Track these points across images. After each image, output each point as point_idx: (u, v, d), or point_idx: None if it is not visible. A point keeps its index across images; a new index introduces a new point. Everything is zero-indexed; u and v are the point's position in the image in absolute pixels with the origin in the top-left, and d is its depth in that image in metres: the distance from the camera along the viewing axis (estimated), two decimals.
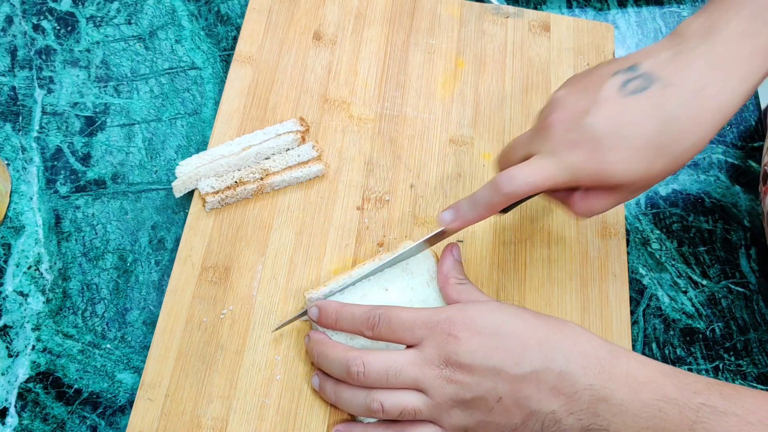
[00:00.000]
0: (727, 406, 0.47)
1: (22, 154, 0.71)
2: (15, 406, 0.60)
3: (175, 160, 0.72)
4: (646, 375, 0.50)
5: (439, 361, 0.52)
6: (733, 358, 0.68)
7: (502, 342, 0.51)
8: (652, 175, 0.53)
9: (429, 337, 0.53)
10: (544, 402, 0.50)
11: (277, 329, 0.62)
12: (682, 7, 0.86)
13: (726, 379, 0.67)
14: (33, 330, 0.63)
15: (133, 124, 0.73)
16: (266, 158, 0.69)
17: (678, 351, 0.68)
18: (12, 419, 0.60)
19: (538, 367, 0.50)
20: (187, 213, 0.67)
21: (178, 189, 0.67)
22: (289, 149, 0.70)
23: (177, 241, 0.67)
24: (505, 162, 0.60)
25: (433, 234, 0.61)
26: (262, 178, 0.68)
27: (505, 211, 0.61)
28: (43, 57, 0.76)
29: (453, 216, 0.58)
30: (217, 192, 0.67)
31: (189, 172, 0.67)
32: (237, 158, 0.68)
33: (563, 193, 0.58)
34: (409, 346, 0.55)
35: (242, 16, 0.78)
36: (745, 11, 0.52)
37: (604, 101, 0.53)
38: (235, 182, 0.67)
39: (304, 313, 0.61)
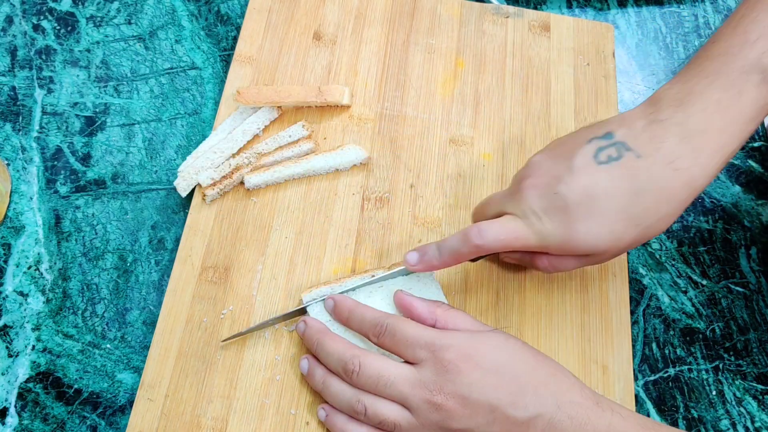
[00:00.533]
0: None
1: (22, 154, 0.71)
2: (15, 406, 0.61)
3: (175, 160, 0.72)
4: (625, 428, 0.51)
5: (433, 386, 0.52)
6: (733, 358, 0.68)
7: (502, 381, 0.52)
8: (621, 245, 0.54)
9: (429, 360, 0.53)
10: None
11: (225, 340, 0.62)
12: (682, 7, 0.86)
13: (726, 379, 0.67)
14: (33, 330, 0.63)
15: (133, 124, 0.73)
16: (258, 143, 0.70)
17: (678, 351, 0.68)
18: (12, 419, 0.60)
19: (533, 413, 0.51)
20: (187, 213, 0.67)
21: (182, 188, 0.67)
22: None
23: (177, 241, 0.67)
24: (478, 215, 0.62)
25: (392, 273, 0.62)
26: (257, 158, 0.69)
27: (474, 260, 0.63)
28: (43, 57, 0.76)
29: (417, 259, 0.59)
30: (216, 183, 0.67)
31: (189, 169, 0.67)
32: (227, 141, 0.69)
33: (528, 253, 0.59)
34: (408, 361, 0.55)
35: (242, 16, 0.78)
36: (718, 82, 0.52)
37: (576, 170, 0.53)
38: (232, 169, 0.68)
39: (301, 310, 0.62)
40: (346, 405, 0.56)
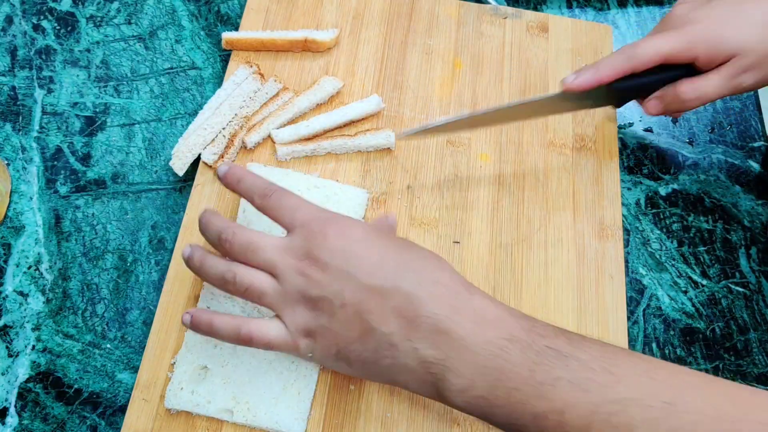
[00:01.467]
0: (572, 351, 0.47)
1: (22, 154, 0.71)
2: (15, 406, 0.61)
3: None
4: (495, 314, 0.50)
5: (300, 253, 0.52)
6: (733, 358, 0.67)
7: (365, 251, 0.52)
8: (764, 47, 0.61)
9: (303, 228, 0.53)
10: (384, 321, 0.50)
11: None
12: None
13: (726, 379, 0.66)
14: (33, 330, 0.64)
15: (133, 124, 0.74)
16: (241, 108, 0.72)
17: (678, 351, 0.67)
18: (12, 419, 0.60)
19: (388, 284, 0.50)
20: (184, 214, 0.67)
21: (179, 167, 0.68)
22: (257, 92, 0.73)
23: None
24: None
25: (547, 96, 0.67)
26: (246, 123, 0.71)
27: (619, 103, 0.69)
28: (43, 57, 0.76)
29: (575, 76, 0.64)
30: (222, 156, 0.69)
31: (182, 149, 0.69)
32: (216, 116, 0.70)
33: (672, 86, 0.65)
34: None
35: (242, 16, 0.78)
36: None
37: None
38: (229, 138, 0.70)
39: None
40: (218, 277, 0.54)
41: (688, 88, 0.63)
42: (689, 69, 0.64)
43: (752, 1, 0.62)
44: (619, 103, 0.69)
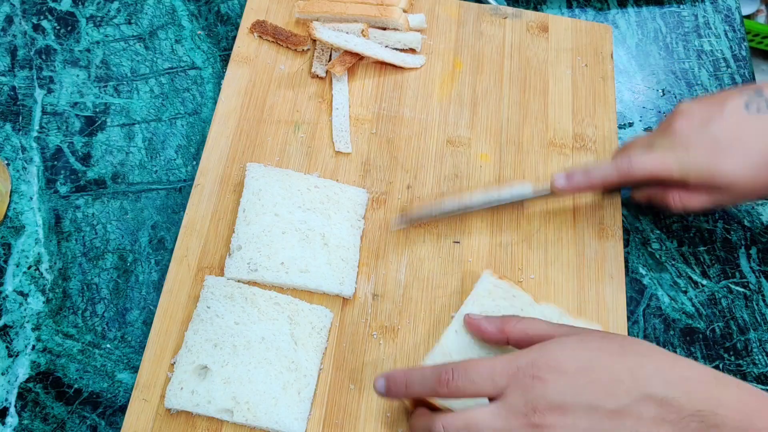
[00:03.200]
0: None
1: (22, 154, 0.71)
2: (15, 406, 0.61)
3: (175, 159, 0.72)
4: (758, 402, 0.48)
5: (526, 409, 0.48)
6: (733, 358, 0.67)
7: (592, 377, 0.48)
8: (757, 186, 0.61)
9: (511, 386, 0.49)
10: None
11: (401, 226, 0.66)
12: (682, 7, 0.86)
13: None
14: (33, 330, 0.64)
15: (133, 124, 0.74)
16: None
17: (678, 351, 0.67)
18: (12, 419, 0.60)
19: (636, 396, 0.47)
20: (184, 214, 0.67)
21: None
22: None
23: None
24: (623, 153, 0.67)
25: (541, 191, 0.67)
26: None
27: (608, 193, 0.71)
28: (43, 57, 0.76)
29: (565, 182, 0.65)
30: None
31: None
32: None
33: (661, 190, 0.65)
34: (490, 400, 0.51)
35: (242, 16, 0.78)
36: None
37: (728, 114, 0.61)
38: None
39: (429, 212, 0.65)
40: None
41: (676, 200, 0.64)
42: None
43: (753, 131, 0.60)
44: (606, 194, 0.72)
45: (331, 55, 0.75)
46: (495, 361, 0.51)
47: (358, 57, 0.75)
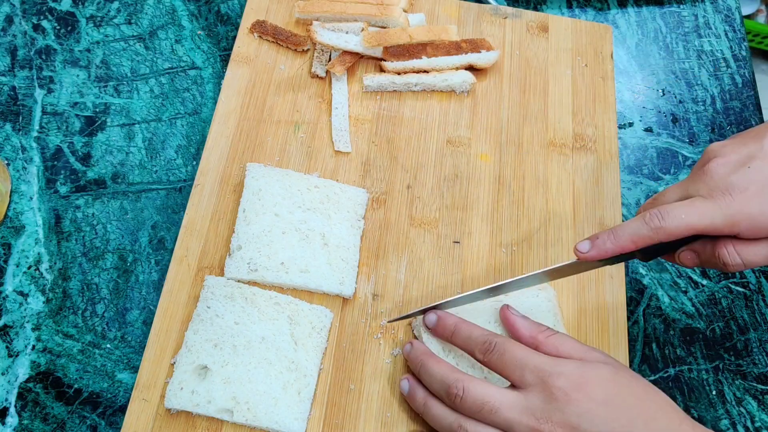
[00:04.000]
0: None
1: (22, 154, 0.71)
2: (15, 406, 0.61)
3: (175, 159, 0.72)
4: None
5: (540, 414, 0.51)
6: (733, 358, 0.67)
7: (612, 413, 0.50)
8: None
9: (537, 386, 0.52)
10: None
11: (390, 321, 0.64)
12: (682, 7, 0.86)
13: (726, 379, 0.66)
14: (33, 330, 0.64)
15: (133, 124, 0.74)
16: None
17: (678, 351, 0.67)
18: (12, 419, 0.60)
19: None
20: (185, 214, 0.67)
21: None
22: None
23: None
24: (653, 206, 0.57)
25: (561, 265, 0.59)
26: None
27: (646, 257, 0.58)
28: (43, 57, 0.76)
29: (590, 248, 0.56)
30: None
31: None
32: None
33: (710, 245, 0.55)
34: (512, 386, 0.54)
35: (242, 16, 0.78)
36: None
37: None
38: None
39: (422, 311, 0.62)
40: (447, 429, 0.54)
41: (731, 252, 0.54)
42: None
43: None
44: (646, 258, 0.59)
45: (330, 55, 0.75)
46: (534, 356, 0.53)
47: (358, 56, 0.75)
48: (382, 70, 0.75)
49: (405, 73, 0.74)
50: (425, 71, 0.75)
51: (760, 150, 0.53)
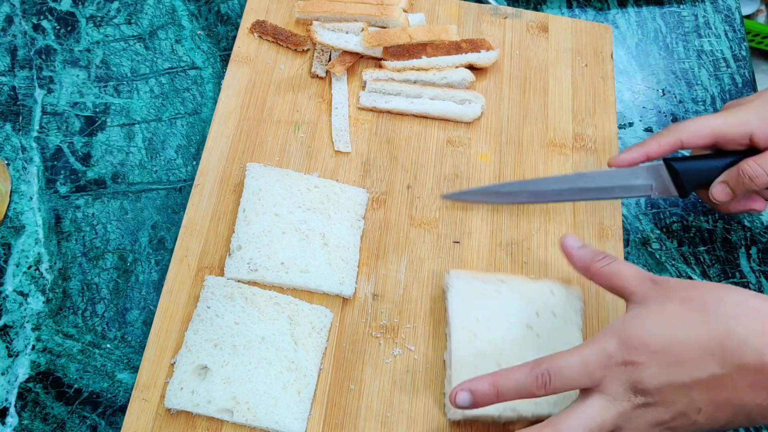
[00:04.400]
0: None
1: (22, 154, 0.71)
2: (15, 406, 0.61)
3: (175, 159, 0.72)
4: None
5: (627, 395, 0.49)
6: None
7: (681, 354, 0.48)
8: None
9: (608, 376, 0.50)
10: (747, 399, 0.48)
11: (446, 197, 0.68)
12: (682, 7, 0.86)
13: None
14: (33, 330, 0.64)
15: (133, 124, 0.74)
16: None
17: None
18: (12, 419, 0.60)
19: (730, 368, 0.47)
20: (184, 214, 0.67)
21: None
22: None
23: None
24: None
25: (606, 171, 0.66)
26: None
27: (683, 194, 0.65)
28: (43, 57, 0.76)
29: (620, 161, 0.65)
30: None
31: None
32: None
33: (735, 171, 0.62)
34: (583, 391, 0.52)
35: (242, 16, 0.78)
36: None
37: None
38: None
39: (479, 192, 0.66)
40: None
41: (753, 165, 0.59)
42: (748, 153, 0.62)
43: None
44: (682, 191, 0.65)
45: (330, 55, 0.75)
46: (584, 353, 0.51)
47: (358, 56, 0.75)
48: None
49: (404, 70, 0.74)
50: (425, 70, 0.75)
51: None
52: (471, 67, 0.76)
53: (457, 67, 0.75)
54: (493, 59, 0.75)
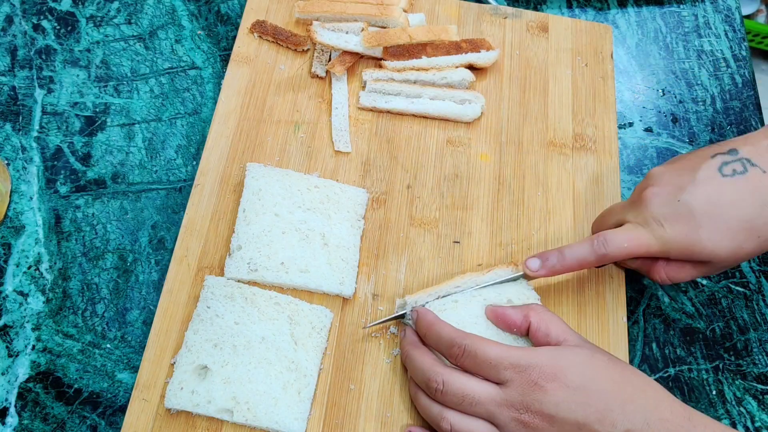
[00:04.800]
0: None
1: (22, 153, 0.71)
2: (15, 406, 0.61)
3: (175, 159, 0.72)
4: None
5: (520, 406, 0.53)
6: (733, 358, 0.67)
7: (589, 398, 0.52)
8: (741, 254, 0.57)
9: (515, 381, 0.53)
10: None
11: (367, 327, 0.64)
12: (682, 7, 0.86)
13: (726, 379, 0.66)
14: (33, 330, 0.64)
15: (133, 123, 0.74)
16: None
17: (678, 351, 0.67)
18: (12, 419, 0.60)
19: (620, 429, 0.51)
20: (184, 214, 0.67)
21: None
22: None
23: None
24: (598, 226, 0.65)
25: (517, 275, 0.63)
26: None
27: (598, 266, 0.66)
28: (43, 57, 0.76)
29: (539, 266, 0.61)
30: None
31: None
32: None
33: (647, 261, 0.62)
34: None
35: (242, 16, 0.78)
36: None
37: (700, 181, 0.58)
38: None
39: (400, 316, 0.62)
40: (433, 421, 0.56)
41: (662, 275, 0.61)
42: None
43: (728, 197, 0.56)
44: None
45: (330, 55, 0.75)
46: (506, 352, 0.54)
47: (358, 56, 0.75)
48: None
49: (404, 70, 0.74)
50: (425, 70, 0.75)
51: (693, 181, 0.58)
52: (471, 67, 0.76)
53: (457, 67, 0.75)
54: (493, 59, 0.75)
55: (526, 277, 0.63)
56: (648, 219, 0.58)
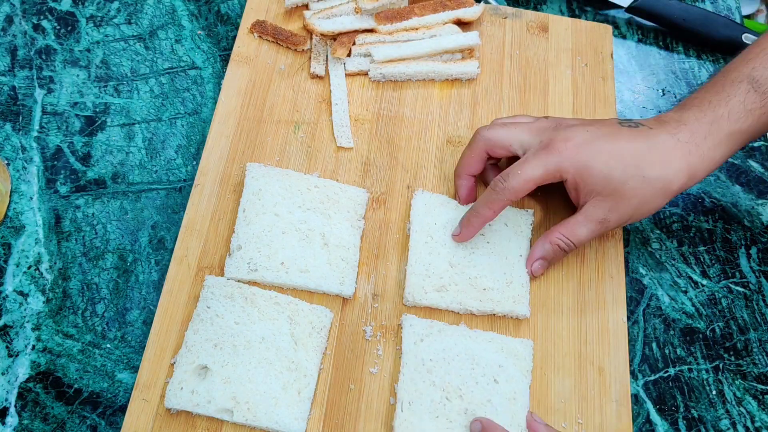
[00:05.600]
0: None
1: (22, 153, 0.71)
2: (15, 406, 0.61)
3: (175, 159, 0.72)
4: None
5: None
6: (733, 358, 0.67)
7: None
8: (625, 187, 0.61)
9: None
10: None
11: None
12: None
13: (726, 379, 0.66)
14: (33, 330, 0.64)
15: (133, 123, 0.74)
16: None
17: (678, 351, 0.67)
18: (12, 419, 0.60)
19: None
20: (184, 214, 0.67)
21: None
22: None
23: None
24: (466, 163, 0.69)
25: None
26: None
27: None
28: (43, 57, 0.76)
29: (460, 229, 0.66)
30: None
31: None
32: None
33: (546, 240, 0.66)
34: None
35: (242, 16, 0.78)
36: (713, 89, 0.64)
37: (603, 123, 0.64)
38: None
39: None
40: None
41: (561, 237, 0.64)
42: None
43: (625, 135, 0.63)
44: None
45: (327, 55, 0.76)
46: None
47: (356, 34, 0.77)
48: None
49: (396, 32, 0.76)
50: (414, 29, 0.77)
51: (597, 123, 0.64)
52: (459, 23, 0.78)
53: (445, 23, 0.77)
54: (478, 13, 0.78)
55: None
56: (543, 143, 0.63)
